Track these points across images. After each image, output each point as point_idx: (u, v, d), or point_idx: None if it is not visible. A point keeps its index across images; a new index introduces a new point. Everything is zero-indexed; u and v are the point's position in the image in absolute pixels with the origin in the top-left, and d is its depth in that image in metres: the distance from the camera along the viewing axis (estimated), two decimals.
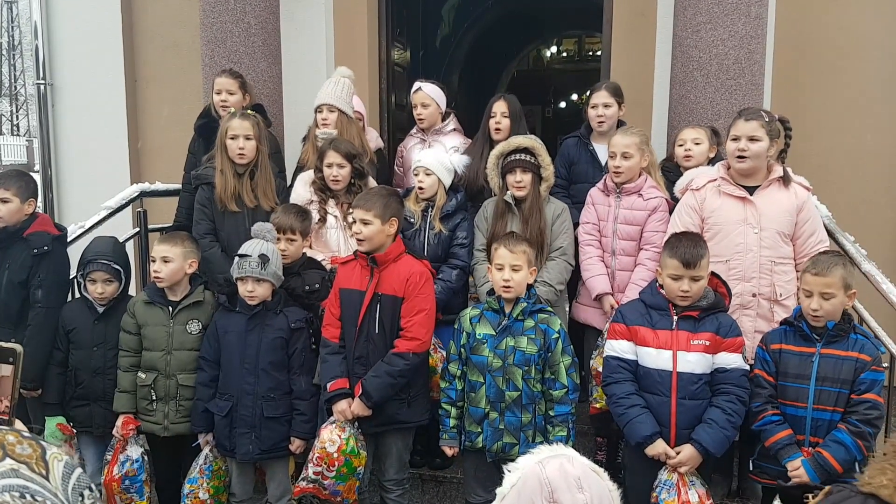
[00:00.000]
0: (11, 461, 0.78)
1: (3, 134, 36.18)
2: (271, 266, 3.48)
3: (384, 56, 6.25)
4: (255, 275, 3.45)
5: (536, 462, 1.49)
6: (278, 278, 3.55)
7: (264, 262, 3.45)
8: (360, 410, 3.37)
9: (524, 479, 1.47)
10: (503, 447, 3.28)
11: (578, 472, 1.45)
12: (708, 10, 4.46)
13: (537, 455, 1.51)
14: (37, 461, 0.81)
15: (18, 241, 3.79)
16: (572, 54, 16.04)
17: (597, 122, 4.37)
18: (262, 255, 3.45)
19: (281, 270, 3.57)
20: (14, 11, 37.00)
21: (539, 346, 3.27)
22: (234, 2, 5.01)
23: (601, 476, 1.50)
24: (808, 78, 5.33)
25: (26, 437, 0.83)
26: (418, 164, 4.04)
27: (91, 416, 3.72)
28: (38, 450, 0.83)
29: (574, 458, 1.50)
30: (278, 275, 3.55)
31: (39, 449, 0.83)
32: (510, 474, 1.50)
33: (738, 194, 3.57)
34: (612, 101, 4.33)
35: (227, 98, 4.48)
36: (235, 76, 4.58)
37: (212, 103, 4.57)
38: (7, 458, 0.78)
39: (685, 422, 3.15)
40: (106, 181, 6.01)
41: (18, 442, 0.81)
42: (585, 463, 1.51)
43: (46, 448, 0.84)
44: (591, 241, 3.99)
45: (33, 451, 0.82)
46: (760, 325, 3.52)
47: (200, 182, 4.12)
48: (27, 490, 0.76)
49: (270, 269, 3.48)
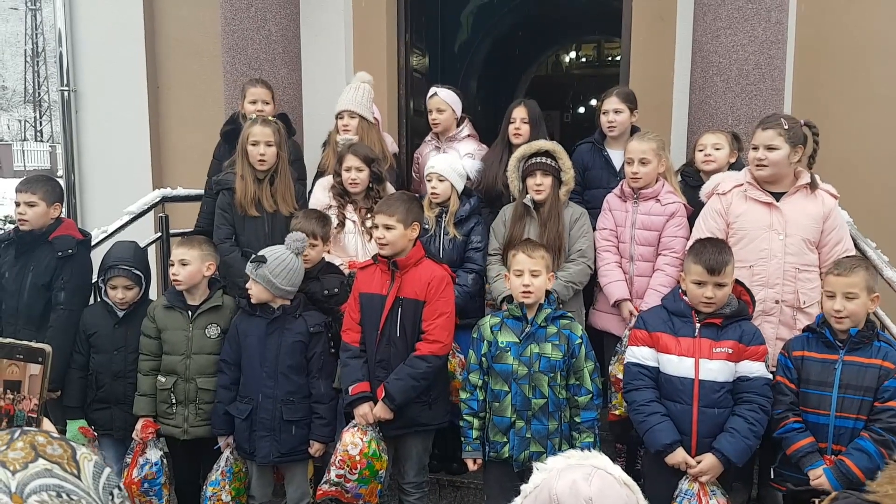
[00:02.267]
0: (44, 461, 0.80)
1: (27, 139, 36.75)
2: (264, 269, 3.47)
3: (403, 62, 6.26)
4: (249, 273, 3.50)
5: (558, 470, 1.39)
6: (273, 286, 3.49)
7: (259, 263, 3.47)
8: (383, 413, 3.38)
9: (540, 487, 1.39)
10: (530, 456, 3.24)
11: (592, 492, 1.31)
12: (728, 15, 4.44)
13: (566, 460, 1.42)
14: (68, 461, 0.82)
15: (43, 244, 3.85)
16: (591, 59, 15.97)
17: (607, 127, 4.37)
18: (260, 254, 3.49)
19: (286, 282, 3.52)
20: (38, 18, 37.61)
21: (563, 352, 3.26)
22: (255, 9, 5.05)
23: (633, 490, 1.36)
24: (828, 82, 5.28)
25: (55, 437, 0.84)
26: (431, 170, 4.06)
27: (112, 419, 3.76)
28: (68, 450, 0.84)
29: (597, 472, 1.36)
30: (290, 292, 3.55)
31: (70, 449, 0.84)
32: (537, 473, 1.42)
33: (765, 200, 3.54)
34: (622, 107, 4.32)
35: (263, 108, 4.51)
36: (268, 86, 4.61)
37: (241, 111, 4.60)
38: (40, 458, 0.80)
39: (706, 430, 3.13)
40: (128, 186, 6.07)
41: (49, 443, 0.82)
42: (615, 476, 1.36)
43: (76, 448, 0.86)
44: (608, 246, 3.98)
45: (64, 451, 0.83)
46: (783, 332, 3.49)
47: (221, 187, 4.17)
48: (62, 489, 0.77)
49: (262, 272, 3.47)
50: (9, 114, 39.88)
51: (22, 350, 1.26)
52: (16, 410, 1.26)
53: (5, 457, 0.78)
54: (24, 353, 1.25)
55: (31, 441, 0.81)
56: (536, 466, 1.43)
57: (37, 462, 0.79)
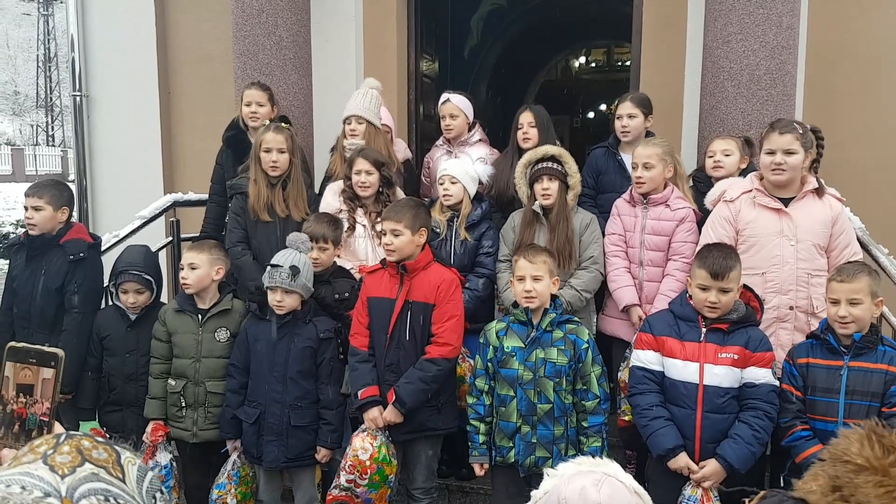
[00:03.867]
0: (91, 465, 0.80)
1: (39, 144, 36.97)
2: (301, 278, 3.50)
3: (413, 67, 6.28)
4: (285, 286, 3.49)
5: (568, 476, 1.40)
6: (308, 290, 3.58)
7: (294, 274, 3.48)
8: (394, 417, 3.39)
9: (550, 493, 1.40)
10: (536, 461, 3.25)
11: (601, 499, 1.32)
12: (739, 20, 4.43)
13: (576, 466, 1.42)
14: (113, 465, 0.83)
15: (54, 248, 3.88)
16: (601, 64, 15.97)
17: (621, 132, 4.40)
18: (293, 266, 3.48)
19: (311, 282, 3.60)
20: (50, 24, 37.89)
21: (569, 356, 3.26)
22: (266, 15, 5.08)
23: (643, 498, 1.37)
24: (840, 88, 5.26)
25: (100, 442, 0.85)
26: (444, 173, 4.07)
27: (124, 421, 3.79)
28: (112, 454, 0.85)
29: (607, 479, 1.36)
30: (308, 287, 3.58)
31: (115, 454, 0.85)
32: (548, 479, 1.42)
33: (774, 206, 3.53)
34: (636, 112, 4.34)
35: (258, 110, 4.55)
36: (264, 89, 4.64)
37: (240, 115, 4.64)
38: (86, 462, 0.80)
39: (710, 436, 3.12)
40: (140, 191, 6.10)
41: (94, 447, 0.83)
42: (626, 483, 1.37)
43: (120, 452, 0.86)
44: (617, 252, 3.97)
45: (108, 455, 0.84)
46: (798, 338, 3.46)
47: (234, 192, 4.21)
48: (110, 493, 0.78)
49: (300, 280, 3.50)
50: (21, 118, 40.16)
51: (35, 354, 1.27)
52: (28, 414, 1.27)
53: (54, 461, 0.78)
54: (37, 357, 1.26)
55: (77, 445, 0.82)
56: (547, 472, 1.44)
57: (84, 466, 0.79)
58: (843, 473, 0.69)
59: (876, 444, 0.69)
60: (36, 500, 0.73)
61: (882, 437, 0.68)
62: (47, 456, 0.79)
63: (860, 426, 0.73)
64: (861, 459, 0.69)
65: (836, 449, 0.73)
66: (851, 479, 0.67)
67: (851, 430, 0.74)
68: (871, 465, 0.67)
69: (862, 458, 0.69)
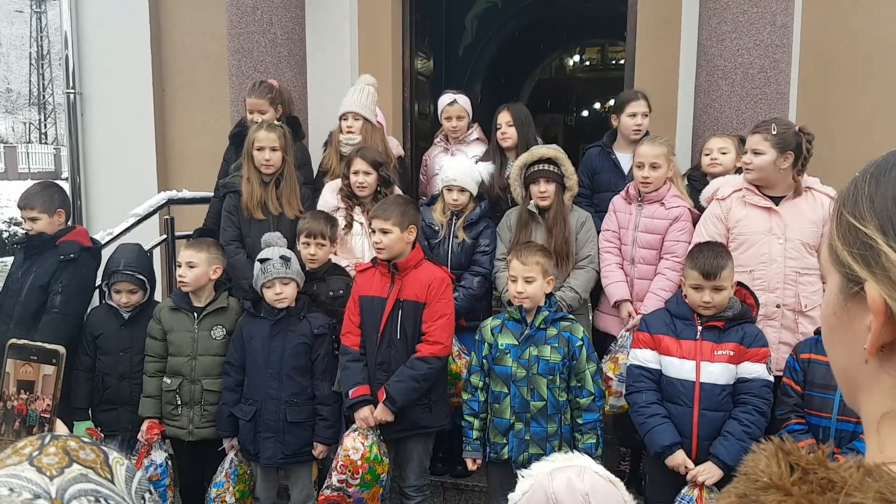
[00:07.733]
0: (79, 466, 0.80)
1: (32, 142, 36.80)
2: (293, 265, 3.56)
3: (408, 65, 6.28)
4: (281, 275, 3.51)
5: (548, 472, 1.44)
6: (301, 277, 3.63)
7: (286, 262, 3.51)
8: (384, 416, 3.39)
9: (533, 490, 1.44)
10: (529, 458, 3.24)
11: (587, 488, 1.40)
12: (733, 19, 4.44)
13: (551, 464, 1.47)
14: (101, 466, 0.82)
15: (51, 248, 3.86)
16: (595, 63, 16.02)
17: (633, 130, 4.28)
18: (282, 255, 3.52)
19: (301, 274, 3.65)
20: (43, 21, 37.74)
21: (563, 354, 3.27)
22: (261, 12, 5.07)
23: (617, 487, 1.45)
24: (834, 86, 5.28)
25: (87, 442, 0.84)
26: (453, 183, 4.03)
27: (118, 420, 3.77)
28: (100, 455, 0.84)
29: (586, 470, 1.44)
30: (301, 274, 3.63)
31: (102, 454, 0.84)
32: (523, 480, 1.47)
33: (764, 204, 3.55)
34: (648, 111, 4.33)
35: (259, 118, 4.48)
36: (263, 94, 4.44)
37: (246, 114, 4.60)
38: (74, 463, 0.80)
39: (707, 433, 3.13)
40: (134, 189, 6.08)
41: (81, 448, 0.82)
42: (601, 474, 1.45)
43: (108, 453, 0.86)
44: (610, 248, 3.99)
45: (96, 456, 0.83)
46: (785, 336, 3.50)
47: (228, 190, 4.20)
48: (100, 494, 0.78)
49: (294, 267, 3.56)
50: (14, 116, 39.99)
51: (36, 351, 1.27)
52: (29, 410, 1.27)
53: (40, 462, 0.78)
54: (39, 354, 1.27)
55: (64, 446, 0.81)
56: (521, 474, 1.49)
57: (72, 467, 0.79)
58: (752, 491, 0.68)
59: (782, 461, 0.68)
60: (26, 501, 0.72)
61: (789, 454, 0.68)
62: (33, 457, 0.79)
63: (771, 441, 0.73)
64: (766, 477, 0.69)
65: (746, 466, 0.73)
66: (758, 497, 0.67)
67: (763, 446, 0.73)
68: (775, 483, 0.66)
69: (766, 475, 0.69)
